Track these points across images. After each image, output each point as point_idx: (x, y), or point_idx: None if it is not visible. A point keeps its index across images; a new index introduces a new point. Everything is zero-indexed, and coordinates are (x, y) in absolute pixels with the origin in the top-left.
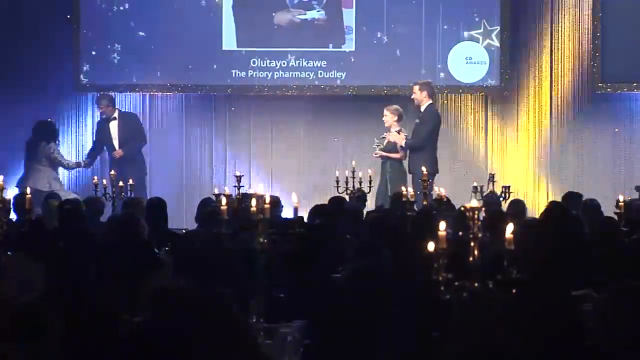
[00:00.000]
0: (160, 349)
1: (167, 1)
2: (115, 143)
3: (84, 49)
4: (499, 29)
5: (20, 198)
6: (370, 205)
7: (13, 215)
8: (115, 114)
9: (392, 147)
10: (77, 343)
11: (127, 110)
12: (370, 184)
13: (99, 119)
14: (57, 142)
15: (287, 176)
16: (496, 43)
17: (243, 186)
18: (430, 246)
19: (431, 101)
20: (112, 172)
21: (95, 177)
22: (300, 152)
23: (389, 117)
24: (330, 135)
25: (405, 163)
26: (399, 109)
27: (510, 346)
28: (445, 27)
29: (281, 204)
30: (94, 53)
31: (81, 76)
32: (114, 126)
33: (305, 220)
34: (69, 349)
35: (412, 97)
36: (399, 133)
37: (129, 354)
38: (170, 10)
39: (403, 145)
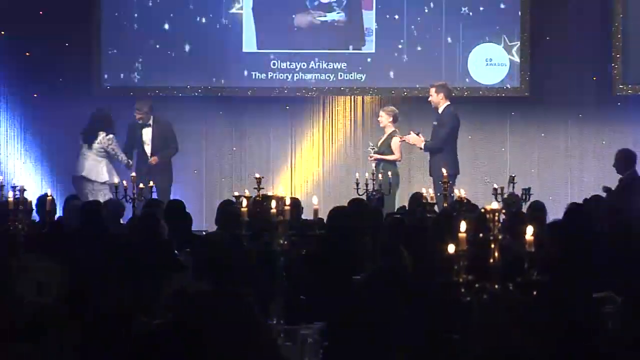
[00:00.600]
0: (179, 350)
1: (186, 2)
2: (147, 149)
3: (104, 52)
4: (518, 44)
5: (44, 199)
6: None
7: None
8: (150, 120)
9: (386, 149)
10: (95, 344)
11: (160, 117)
12: (390, 185)
13: (130, 122)
14: (115, 133)
15: (307, 178)
16: (516, 58)
17: (263, 188)
18: (451, 248)
19: (448, 102)
20: (133, 174)
21: (116, 179)
22: (321, 154)
23: (384, 117)
24: (351, 137)
25: (400, 165)
26: (394, 110)
27: (529, 349)
28: (466, 30)
29: (301, 206)
30: (113, 54)
31: (101, 79)
32: (147, 132)
33: (325, 222)
34: (86, 351)
35: (429, 99)
36: (417, 135)
37: (147, 356)
38: (190, 12)
39: (422, 147)
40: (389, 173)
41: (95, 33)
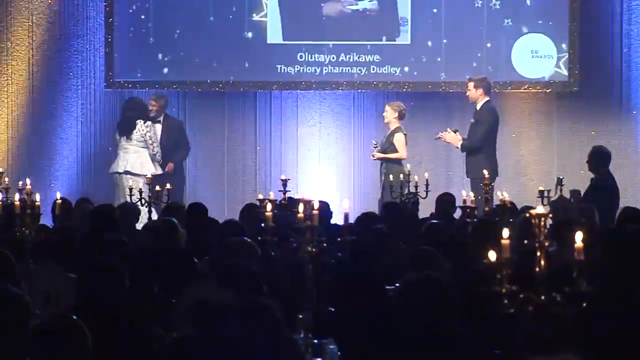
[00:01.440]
0: None
1: None
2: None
3: (117, 44)
4: (567, 34)
5: (59, 203)
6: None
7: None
8: (161, 117)
9: (389, 146)
10: (109, 359)
11: (172, 116)
12: (427, 188)
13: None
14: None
15: (336, 179)
16: (564, 50)
17: (289, 190)
18: (493, 256)
19: (487, 98)
20: (149, 175)
21: (130, 181)
22: (351, 153)
23: (389, 113)
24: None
25: (405, 163)
26: (401, 106)
27: None
28: (508, 19)
29: (330, 210)
30: (127, 47)
31: (113, 72)
32: (156, 128)
33: (356, 227)
34: None
35: (467, 94)
36: (454, 132)
37: None
38: (208, 1)
39: (458, 146)
40: (391, 176)
41: (109, 25)
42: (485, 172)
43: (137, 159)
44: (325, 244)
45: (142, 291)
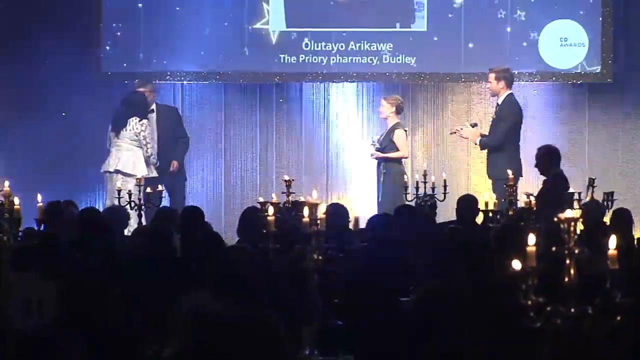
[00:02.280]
0: None
1: None
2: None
3: (106, 31)
4: (600, 19)
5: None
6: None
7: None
8: (154, 106)
9: (388, 144)
10: None
11: (163, 103)
12: (445, 190)
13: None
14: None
15: (346, 180)
16: (597, 37)
17: (293, 192)
18: (517, 264)
19: (510, 91)
20: (139, 176)
21: (118, 183)
22: (363, 150)
23: (386, 107)
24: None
25: (405, 162)
26: (398, 100)
27: None
28: (535, 4)
29: (344, 213)
30: (118, 34)
31: (102, 62)
32: (150, 120)
33: (368, 233)
34: None
35: (487, 86)
36: (473, 127)
37: None
38: None
39: (477, 142)
40: (391, 178)
41: (97, 11)
42: (510, 172)
43: (130, 158)
44: (333, 251)
45: (133, 302)
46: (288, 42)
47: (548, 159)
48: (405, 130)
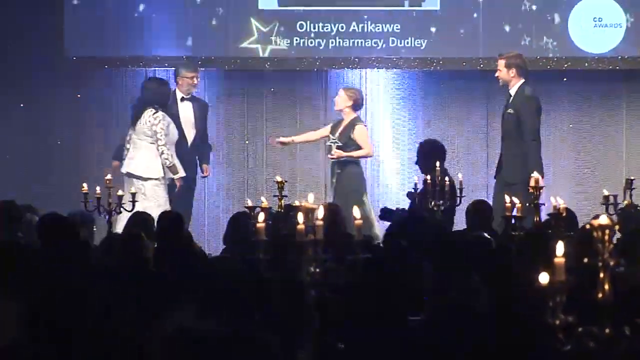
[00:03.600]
0: None
1: None
2: (190, 136)
3: (70, 13)
4: None
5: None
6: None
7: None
8: (189, 96)
9: (347, 141)
10: None
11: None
12: (460, 193)
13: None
14: (167, 110)
15: None
16: (635, 17)
17: (286, 196)
18: (544, 278)
19: (522, 80)
20: (108, 176)
21: (85, 185)
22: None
23: (342, 99)
24: (407, 126)
25: (362, 163)
26: (357, 93)
27: None
28: None
29: (341, 218)
30: (82, 13)
31: (67, 47)
32: (187, 109)
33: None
34: None
35: (496, 75)
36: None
37: None
38: None
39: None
40: (347, 180)
41: None
42: (536, 173)
43: (143, 158)
44: (332, 262)
45: (104, 321)
46: (280, 24)
47: (430, 155)
48: (366, 126)
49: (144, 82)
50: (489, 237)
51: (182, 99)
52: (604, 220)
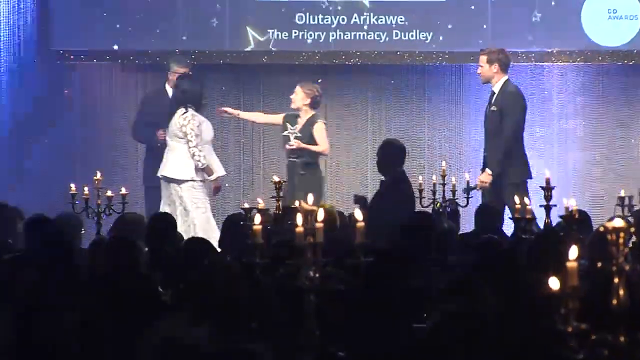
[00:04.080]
0: None
1: None
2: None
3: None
4: None
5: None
6: None
7: None
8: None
9: (308, 137)
10: None
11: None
12: (468, 194)
13: (148, 94)
14: (201, 110)
15: (347, 182)
16: None
17: (284, 197)
18: (555, 283)
19: (505, 77)
20: (98, 175)
21: (73, 185)
22: (368, 146)
23: (299, 96)
24: (411, 123)
25: (323, 161)
26: (315, 91)
27: None
28: None
29: (343, 220)
30: (71, 3)
31: (53, 40)
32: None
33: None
34: None
35: (478, 72)
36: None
37: None
38: None
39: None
40: (310, 183)
41: None
42: (547, 172)
43: (176, 160)
44: (333, 267)
45: (91, 330)
46: (278, 15)
47: (388, 155)
48: (326, 124)
49: (176, 80)
50: (497, 239)
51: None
52: (618, 222)
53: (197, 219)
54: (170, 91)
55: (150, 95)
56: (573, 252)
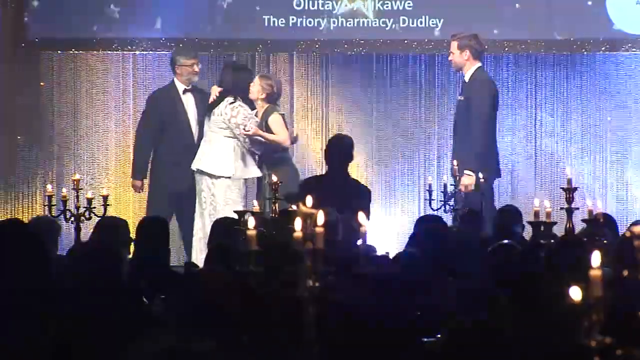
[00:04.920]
0: None
1: None
2: (194, 131)
3: None
4: None
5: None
6: None
7: None
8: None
9: (265, 129)
10: None
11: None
12: (482, 196)
13: (156, 91)
14: (248, 101)
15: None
16: None
17: (281, 198)
18: (577, 293)
19: (478, 64)
20: (76, 176)
21: (49, 186)
22: (371, 143)
23: (255, 88)
24: (419, 119)
25: (295, 154)
26: (273, 85)
27: None
28: None
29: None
30: None
31: (26, 26)
32: (189, 102)
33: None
34: None
35: (449, 58)
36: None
37: None
38: None
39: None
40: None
41: None
42: (569, 170)
43: (215, 153)
44: (335, 276)
45: (71, 344)
46: (274, 1)
47: (331, 151)
48: (282, 115)
49: (222, 67)
50: (514, 245)
51: (185, 91)
52: None
53: None
54: (180, 87)
55: (158, 94)
56: (596, 258)
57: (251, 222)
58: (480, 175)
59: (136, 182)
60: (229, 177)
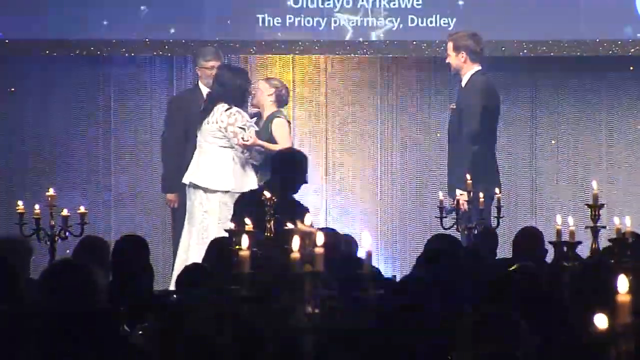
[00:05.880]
0: None
1: None
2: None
3: None
4: None
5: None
6: None
7: None
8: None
9: (264, 134)
10: None
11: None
12: (499, 212)
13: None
14: (244, 107)
15: (352, 196)
16: None
17: (278, 216)
18: (602, 320)
19: (477, 68)
20: (51, 191)
21: (20, 203)
22: (377, 155)
23: (260, 93)
24: (427, 126)
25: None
26: (279, 86)
27: None
28: None
29: (354, 244)
30: None
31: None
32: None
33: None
34: None
35: (446, 60)
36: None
37: None
38: None
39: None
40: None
41: None
42: (595, 184)
43: (209, 165)
44: (333, 302)
45: None
46: (268, 0)
47: (280, 164)
48: (289, 122)
49: (216, 71)
50: (533, 267)
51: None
52: None
53: None
54: (204, 90)
55: (182, 96)
56: (623, 283)
57: (245, 241)
58: (481, 195)
59: (169, 195)
60: (227, 192)
